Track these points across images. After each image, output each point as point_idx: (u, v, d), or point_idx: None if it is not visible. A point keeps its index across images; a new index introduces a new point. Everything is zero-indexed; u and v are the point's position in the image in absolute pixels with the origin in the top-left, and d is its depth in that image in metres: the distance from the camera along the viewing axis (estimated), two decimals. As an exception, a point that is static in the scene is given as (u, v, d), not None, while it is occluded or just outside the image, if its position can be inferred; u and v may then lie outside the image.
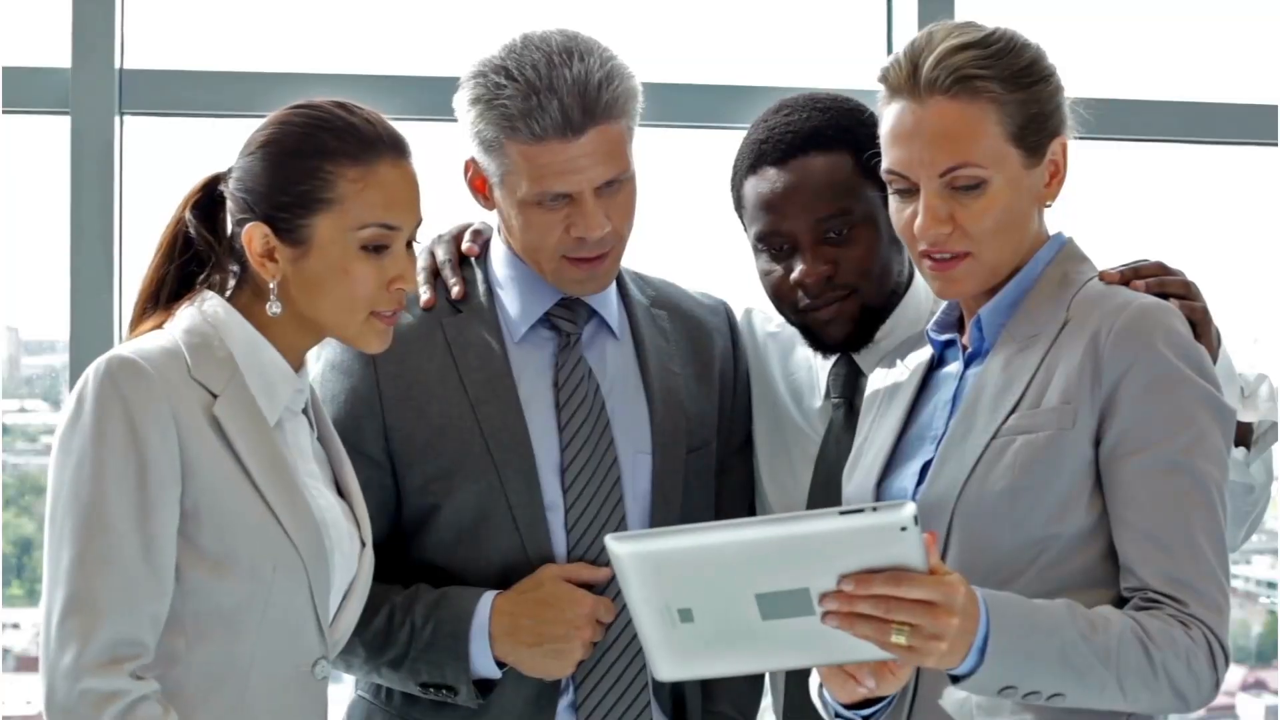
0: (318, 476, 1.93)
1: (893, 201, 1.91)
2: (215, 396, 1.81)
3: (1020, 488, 1.78)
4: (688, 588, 1.57)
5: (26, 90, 2.82)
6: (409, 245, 1.90)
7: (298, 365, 1.92)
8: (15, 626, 3.24)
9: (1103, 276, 1.91)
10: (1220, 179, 3.41)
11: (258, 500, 1.80)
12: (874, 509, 1.53)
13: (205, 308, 1.87)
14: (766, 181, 2.18)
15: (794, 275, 2.16)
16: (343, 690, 2.36)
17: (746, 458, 2.31)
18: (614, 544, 1.58)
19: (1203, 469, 1.77)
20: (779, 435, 2.31)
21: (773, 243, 2.19)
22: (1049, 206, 1.93)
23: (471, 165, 2.11)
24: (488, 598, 2.05)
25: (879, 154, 2.03)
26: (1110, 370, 1.78)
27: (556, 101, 1.99)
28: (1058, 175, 1.91)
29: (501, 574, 2.08)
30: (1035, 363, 1.83)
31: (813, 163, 2.16)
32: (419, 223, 1.90)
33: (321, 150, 1.85)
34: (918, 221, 1.86)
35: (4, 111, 2.80)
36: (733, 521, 1.56)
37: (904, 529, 1.52)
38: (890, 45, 3.13)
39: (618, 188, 2.06)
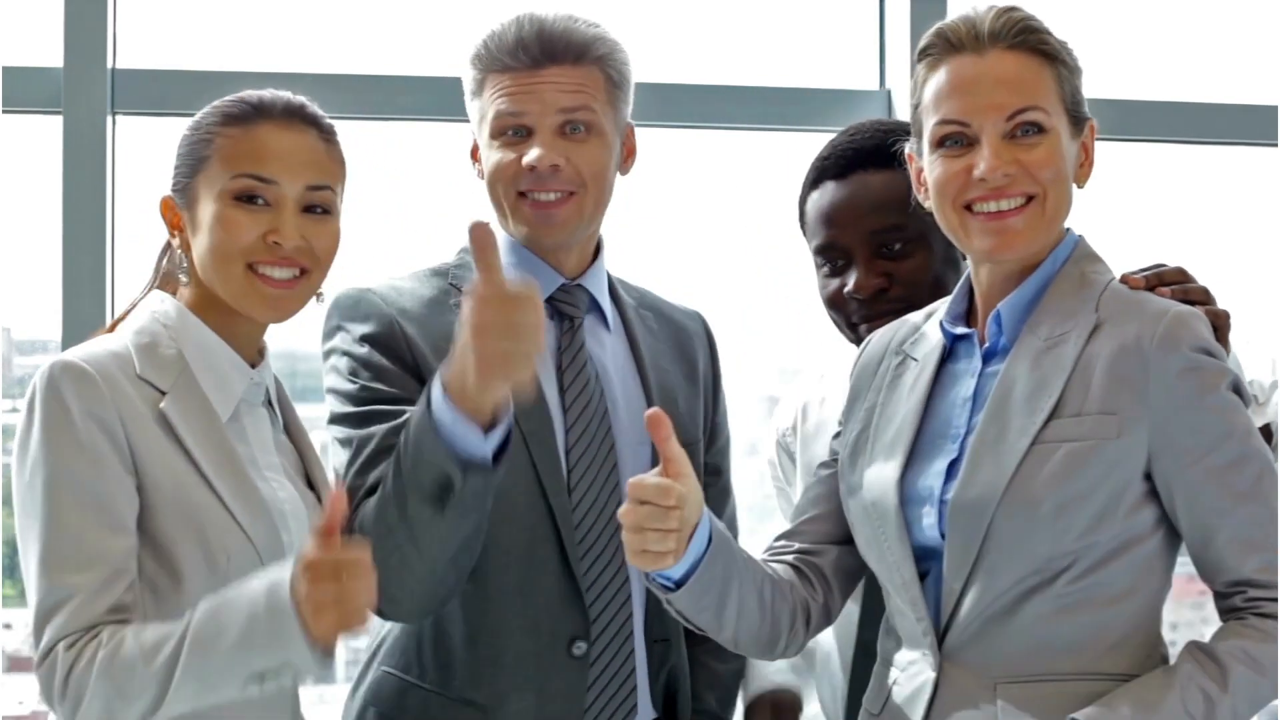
0: (279, 469, 1.95)
1: (939, 160, 1.88)
2: (163, 394, 1.84)
3: (1067, 498, 1.77)
4: None
5: (19, 90, 2.82)
6: (312, 210, 1.90)
7: (254, 359, 1.94)
8: (8, 627, 3.24)
9: (1127, 281, 1.91)
10: (1220, 179, 3.40)
11: (209, 493, 1.82)
12: None
13: (156, 308, 1.91)
14: (826, 195, 2.23)
15: (848, 287, 2.20)
16: (336, 691, 2.35)
17: (720, 468, 2.31)
18: None
19: (1262, 448, 1.80)
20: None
21: (830, 255, 2.22)
22: (1080, 188, 1.93)
23: (473, 136, 2.16)
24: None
25: None
26: (1157, 381, 1.78)
27: (516, 28, 2.07)
28: (1088, 159, 1.92)
29: (529, 543, 2.06)
30: (1069, 363, 1.82)
31: (870, 178, 2.20)
32: (311, 187, 1.90)
33: (211, 118, 1.92)
34: (979, 166, 1.84)
35: (-3, 111, 2.81)
36: None
37: None
38: (883, 45, 3.13)
39: (584, 137, 2.09)
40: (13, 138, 2.87)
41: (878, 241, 2.18)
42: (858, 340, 2.22)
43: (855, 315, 2.20)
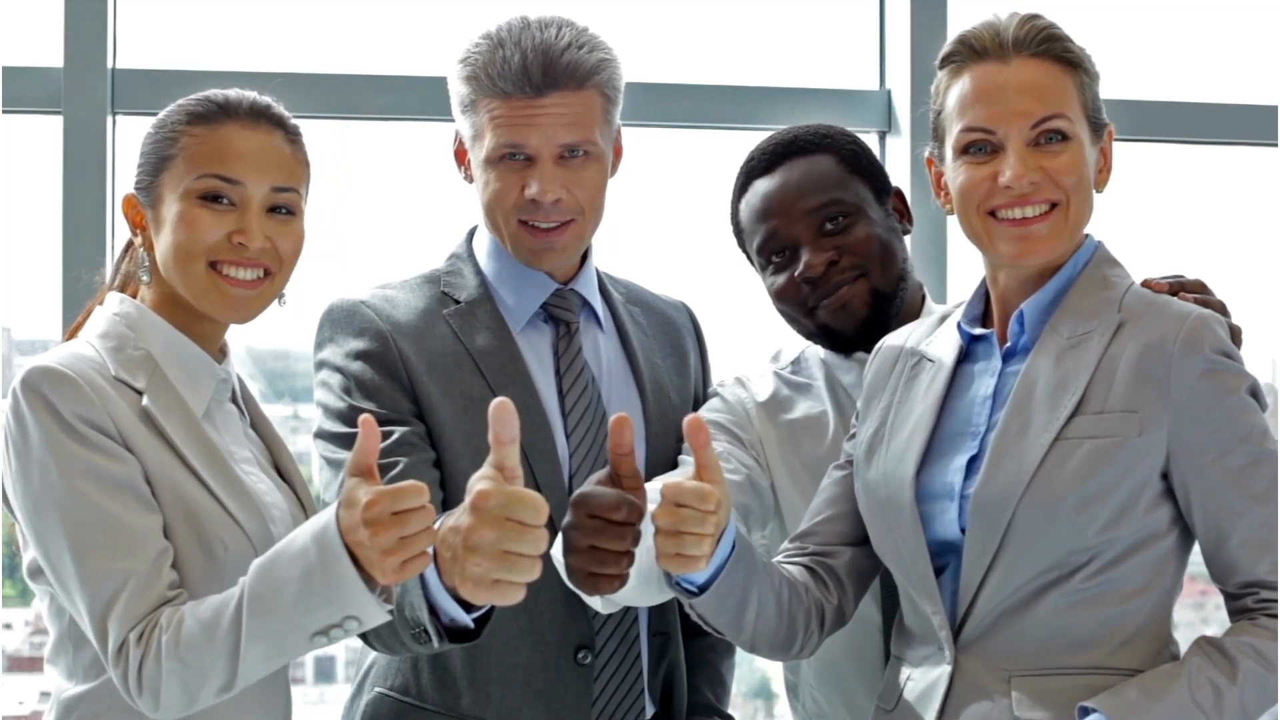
0: (253, 462, 1.97)
1: (964, 167, 1.90)
2: (141, 393, 1.85)
3: (1090, 494, 1.79)
4: None
5: (19, 89, 2.82)
6: (277, 211, 1.91)
7: (218, 356, 1.96)
8: (8, 627, 3.24)
9: (1149, 285, 1.94)
10: (1220, 179, 3.40)
11: (199, 487, 1.84)
12: None
13: (117, 310, 1.92)
14: (757, 194, 2.23)
15: (799, 271, 2.19)
16: (336, 691, 2.35)
17: None
18: None
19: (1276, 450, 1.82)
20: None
21: (774, 248, 2.22)
22: (1099, 193, 1.95)
23: (456, 135, 2.15)
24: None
25: (859, 153, 2.18)
26: (1179, 381, 1.80)
27: (519, 55, 2.03)
28: (1107, 165, 1.94)
29: None
30: (1093, 361, 1.84)
31: (797, 164, 2.22)
32: (277, 188, 1.90)
33: (176, 117, 1.92)
34: (1005, 174, 1.86)
35: (-3, 111, 2.81)
36: None
37: None
38: (883, 45, 3.14)
39: (582, 162, 2.08)
40: (13, 138, 2.87)
41: (819, 220, 2.20)
42: (815, 330, 2.24)
43: (811, 298, 2.21)
